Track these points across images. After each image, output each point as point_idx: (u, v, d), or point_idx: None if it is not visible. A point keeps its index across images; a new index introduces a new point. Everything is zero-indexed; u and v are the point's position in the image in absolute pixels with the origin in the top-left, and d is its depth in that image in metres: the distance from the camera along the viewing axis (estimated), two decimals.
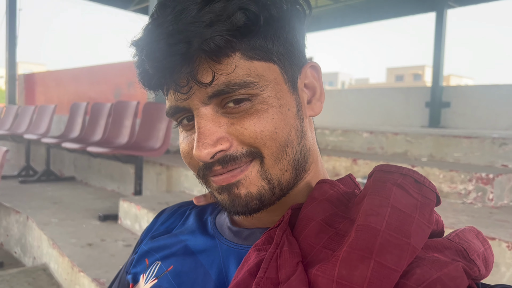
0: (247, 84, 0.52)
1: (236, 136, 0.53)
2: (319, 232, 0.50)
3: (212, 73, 0.50)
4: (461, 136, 3.29)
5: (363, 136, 3.86)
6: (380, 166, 0.52)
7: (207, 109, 0.53)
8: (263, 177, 0.54)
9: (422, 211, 0.47)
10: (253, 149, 0.53)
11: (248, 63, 0.52)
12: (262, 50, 0.53)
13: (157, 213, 0.81)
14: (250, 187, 0.54)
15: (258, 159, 0.54)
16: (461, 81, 53.97)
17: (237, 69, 0.51)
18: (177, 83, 0.51)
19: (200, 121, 0.53)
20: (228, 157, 0.53)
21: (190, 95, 0.52)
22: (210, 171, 0.54)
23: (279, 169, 0.54)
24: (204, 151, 0.51)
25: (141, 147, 3.88)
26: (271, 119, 0.53)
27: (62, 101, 7.92)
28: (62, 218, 3.51)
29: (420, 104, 7.92)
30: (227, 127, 0.53)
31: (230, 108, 0.52)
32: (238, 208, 0.54)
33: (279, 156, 0.54)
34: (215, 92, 0.51)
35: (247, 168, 0.53)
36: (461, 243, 0.48)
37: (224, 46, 0.50)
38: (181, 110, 0.55)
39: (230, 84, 0.51)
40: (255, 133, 0.52)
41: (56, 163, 5.92)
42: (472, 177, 2.61)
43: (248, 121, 0.52)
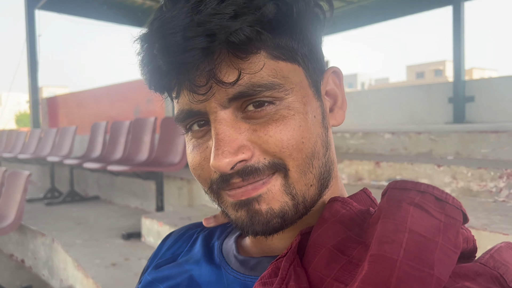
0: (272, 86, 0.46)
1: (259, 144, 0.46)
2: (330, 261, 0.44)
3: (237, 72, 0.44)
4: (488, 131, 3.16)
5: (385, 138, 3.76)
6: (394, 182, 0.45)
7: (226, 113, 0.46)
8: (287, 192, 0.48)
9: (447, 234, 0.40)
10: (277, 160, 0.47)
11: (273, 62, 0.47)
12: (288, 50, 0.48)
13: (177, 228, 0.76)
14: (272, 203, 0.47)
15: (281, 171, 0.47)
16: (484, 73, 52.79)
17: (263, 68, 0.45)
18: (194, 82, 0.45)
19: (219, 126, 0.46)
20: (249, 168, 0.46)
21: (209, 97, 0.46)
22: (227, 184, 0.48)
23: (304, 184, 0.48)
24: (224, 161, 0.45)
25: (161, 162, 3.88)
26: (298, 126, 0.47)
27: (84, 122, 8.06)
28: (86, 239, 3.52)
29: (443, 100, 7.72)
30: (249, 134, 0.47)
31: (251, 112, 0.47)
32: (258, 227, 0.48)
33: (305, 169, 0.48)
34: (237, 93, 0.45)
35: (270, 181, 0.47)
36: (497, 267, 0.41)
37: (254, 38, 0.44)
38: (195, 114, 0.48)
39: (254, 85, 0.45)
40: (281, 141, 0.46)
41: (80, 183, 5.98)
42: (502, 174, 2.49)
43: (273, 127, 0.46)
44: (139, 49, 0.48)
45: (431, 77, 53.95)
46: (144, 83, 0.51)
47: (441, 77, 50.44)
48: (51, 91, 48.56)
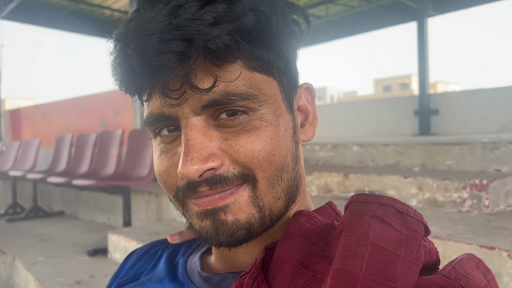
0: (247, 96, 0.45)
1: (229, 153, 0.46)
2: (295, 277, 0.43)
3: (213, 79, 0.44)
4: (451, 143, 3.25)
5: (353, 150, 3.81)
6: (356, 196, 0.45)
7: (198, 120, 0.45)
8: (255, 203, 0.47)
9: (408, 246, 0.40)
10: (247, 171, 0.46)
11: (249, 73, 0.46)
12: (264, 62, 0.48)
13: (144, 244, 0.74)
14: (238, 214, 0.46)
15: (250, 183, 0.46)
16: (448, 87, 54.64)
17: (239, 78, 0.45)
18: (167, 86, 0.44)
19: (190, 132, 0.45)
20: (218, 177, 0.45)
21: (182, 102, 0.45)
22: (194, 192, 0.46)
23: (272, 196, 0.48)
24: (193, 168, 0.43)
25: (128, 176, 3.80)
26: (269, 138, 0.47)
27: (49, 134, 7.85)
28: (50, 256, 3.39)
29: (409, 113, 7.93)
30: (220, 142, 0.46)
31: (223, 120, 0.46)
32: (222, 238, 0.47)
33: (273, 181, 0.47)
34: (211, 101, 0.44)
35: (238, 191, 0.46)
36: (459, 279, 0.41)
37: (232, 47, 0.43)
38: (165, 119, 0.47)
39: (228, 94, 0.44)
40: (252, 152, 0.45)
41: (44, 198, 5.79)
42: (466, 185, 2.56)
43: (244, 137, 0.46)
44: (112, 49, 0.47)
45: (398, 90, 55.41)
46: (115, 84, 0.50)
47: (407, 91, 51.91)
48: (15, 103, 47.12)
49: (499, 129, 6.69)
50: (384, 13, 8.58)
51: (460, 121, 7.22)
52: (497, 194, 2.55)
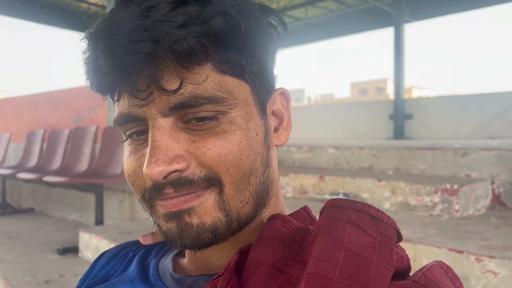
0: (215, 99, 0.45)
1: (196, 156, 0.45)
2: (268, 280, 0.43)
3: (179, 80, 0.43)
4: (424, 148, 3.32)
5: (329, 152, 3.85)
6: (331, 200, 0.45)
7: (166, 121, 0.45)
8: (221, 207, 0.46)
9: (381, 252, 0.41)
10: (213, 175, 0.45)
11: (219, 76, 0.46)
12: (236, 65, 0.47)
13: (117, 244, 0.72)
14: (204, 217, 0.46)
15: (216, 187, 0.46)
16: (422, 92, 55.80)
17: (207, 80, 0.44)
18: (135, 87, 0.43)
19: (156, 133, 0.45)
20: (183, 179, 0.45)
21: (149, 102, 0.44)
22: (159, 193, 0.46)
23: (239, 201, 0.47)
24: (156, 169, 0.43)
25: (101, 174, 3.73)
26: (238, 142, 0.46)
27: (21, 129, 7.64)
28: (18, 254, 3.30)
29: (384, 117, 8.06)
30: (187, 144, 0.45)
31: (192, 124, 0.45)
32: (187, 241, 0.46)
33: (241, 186, 0.47)
34: (178, 103, 0.44)
35: (204, 194, 0.46)
36: (429, 285, 0.42)
37: (198, 50, 0.43)
38: (134, 119, 0.46)
39: (197, 96, 0.44)
40: (219, 155, 0.45)
41: (14, 195, 5.64)
42: (437, 189, 2.61)
43: (212, 141, 0.45)
44: (85, 48, 0.47)
45: (374, 94, 56.28)
46: (87, 85, 0.49)
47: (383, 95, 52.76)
48: None
49: (470, 134, 6.88)
50: (363, 17, 8.71)
51: (433, 126, 7.39)
52: (467, 198, 2.61)
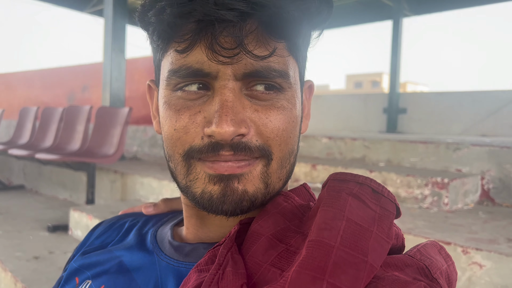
0: (284, 75, 0.46)
1: (257, 125, 0.46)
2: (268, 248, 0.44)
3: (266, 48, 0.44)
4: (417, 141, 3.35)
5: (322, 142, 3.86)
6: (334, 174, 0.46)
7: (236, 85, 0.45)
8: (264, 180, 0.48)
9: (381, 224, 0.42)
10: (266, 146, 0.47)
11: (287, 55, 0.47)
12: (298, 49, 0.49)
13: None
14: (248, 185, 0.47)
15: (265, 159, 0.47)
16: (416, 88, 55.94)
17: (283, 57, 0.46)
18: (220, 43, 0.43)
19: (229, 94, 0.45)
20: (243, 144, 0.46)
21: (234, 62, 0.44)
22: (214, 154, 0.46)
23: (277, 176, 0.49)
24: (230, 129, 0.43)
25: (93, 153, 3.72)
26: (291, 121, 0.48)
27: (13, 106, 7.57)
28: (8, 230, 3.29)
29: (378, 110, 8.08)
30: (250, 112, 0.46)
31: (257, 92, 0.46)
32: (227, 205, 0.47)
33: (283, 163, 0.49)
34: (253, 70, 0.45)
35: (253, 163, 0.47)
36: (423, 260, 0.43)
37: (290, 24, 0.44)
38: (201, 75, 0.45)
39: (270, 68, 0.45)
40: (278, 129, 0.47)
41: (4, 171, 5.60)
42: (428, 182, 2.64)
43: (274, 113, 0.47)
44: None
45: (369, 87, 56.34)
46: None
47: (378, 88, 52.84)
48: None
49: (462, 131, 6.93)
50: (362, 9, 8.67)
51: (426, 121, 7.43)
52: (457, 193, 2.65)
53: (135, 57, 6.11)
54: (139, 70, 5.88)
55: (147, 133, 5.59)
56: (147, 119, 5.60)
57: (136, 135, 5.65)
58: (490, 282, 1.69)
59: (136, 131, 5.69)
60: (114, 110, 3.95)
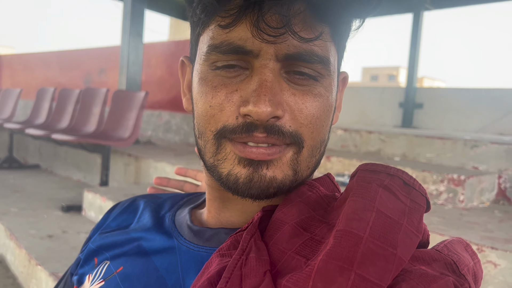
0: (325, 61, 0.46)
1: (292, 109, 0.46)
2: (292, 236, 0.43)
3: (318, 31, 0.44)
4: (434, 136, 3.30)
5: (337, 134, 3.84)
6: (364, 165, 0.45)
7: (276, 66, 0.45)
8: (293, 167, 0.47)
9: (411, 218, 0.41)
10: (298, 134, 0.46)
11: (329, 42, 0.47)
12: (341, 37, 0.49)
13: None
14: (277, 172, 0.47)
15: (296, 146, 0.47)
16: (433, 83, 55.23)
17: (326, 42, 0.46)
18: (266, 21, 0.42)
19: (269, 74, 0.44)
20: (277, 127, 0.45)
21: (278, 41, 0.43)
22: (248, 134, 0.45)
23: (307, 165, 0.49)
24: (268, 109, 0.43)
25: (109, 136, 3.75)
26: (326, 110, 0.48)
27: (30, 86, 7.64)
28: (23, 208, 3.35)
29: (394, 104, 7.99)
30: (288, 95, 0.46)
31: (295, 77, 0.46)
32: (253, 190, 0.46)
33: (314, 151, 0.49)
34: (296, 53, 0.44)
35: (285, 150, 0.47)
36: (451, 255, 0.42)
37: (346, 8, 0.44)
38: (242, 52, 0.45)
39: (313, 53, 0.44)
40: (312, 116, 0.46)
41: (20, 150, 5.69)
42: (444, 178, 2.61)
43: (310, 100, 0.46)
44: None
45: (385, 81, 55.77)
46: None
47: (394, 82, 52.28)
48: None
49: (479, 129, 6.83)
50: (382, 1, 8.54)
51: (443, 117, 7.33)
52: (473, 190, 2.61)
53: (153, 42, 6.11)
54: (156, 55, 5.89)
55: (162, 118, 5.61)
56: (162, 104, 5.61)
57: (151, 119, 5.67)
58: (504, 281, 1.67)
59: (151, 116, 5.72)
60: (130, 93, 3.97)
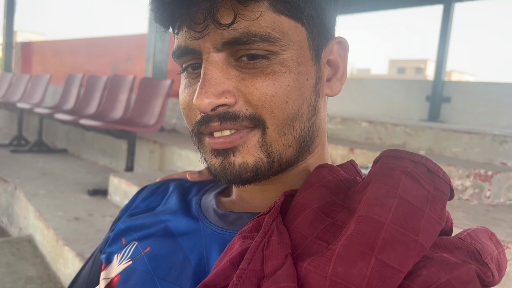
0: (268, 38, 0.45)
1: (244, 94, 0.47)
2: (314, 221, 0.44)
3: (234, 14, 0.44)
4: (462, 131, 3.24)
5: (361, 126, 3.80)
6: (388, 151, 0.45)
7: (218, 56, 0.47)
8: (263, 149, 0.48)
9: (434, 205, 0.41)
10: (257, 115, 0.47)
11: (275, 16, 0.46)
12: (293, 6, 0.47)
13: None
14: (247, 157, 0.48)
15: (260, 128, 0.48)
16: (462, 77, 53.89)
17: (261, 19, 0.45)
18: (193, 19, 0.45)
19: (208, 67, 0.47)
20: (229, 113, 0.47)
21: (204, 35, 0.46)
22: (206, 126, 0.49)
23: (282, 144, 0.49)
24: (205, 100, 0.45)
25: (135, 123, 3.81)
26: (286, 85, 0.47)
27: (59, 72, 7.81)
28: (51, 190, 3.45)
29: (420, 98, 7.84)
30: (237, 81, 0.47)
31: (244, 62, 0.47)
32: (229, 177, 0.49)
33: (284, 129, 0.48)
34: (231, 39, 0.45)
35: (247, 135, 0.48)
36: (474, 243, 0.42)
37: None
38: (190, 52, 0.48)
39: (249, 33, 0.45)
40: (265, 96, 0.46)
41: (49, 135, 5.84)
42: (470, 173, 2.56)
43: (261, 80, 0.46)
44: None
45: (412, 74, 54.72)
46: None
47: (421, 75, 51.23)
48: (26, 37, 46.67)
49: (509, 125, 6.64)
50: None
51: (471, 112, 7.16)
52: (500, 186, 2.55)
53: None
54: None
55: None
56: None
57: (176, 108, 5.73)
58: None
59: (176, 104, 5.77)
60: (157, 81, 4.01)
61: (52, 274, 2.47)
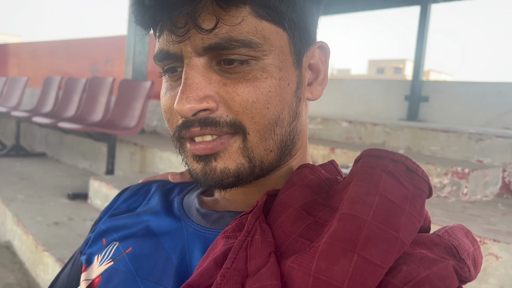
0: (249, 44, 0.46)
1: (225, 100, 0.47)
2: (296, 220, 0.45)
3: (216, 19, 0.44)
4: (439, 129, 3.30)
5: (342, 125, 3.84)
6: (369, 150, 0.46)
7: (199, 61, 0.47)
8: (244, 154, 0.49)
9: (413, 203, 0.42)
10: (238, 121, 0.47)
11: (256, 21, 0.46)
12: (275, 11, 0.47)
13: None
14: (228, 162, 0.48)
15: (240, 134, 0.48)
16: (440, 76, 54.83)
17: (243, 24, 0.45)
18: (174, 23, 0.45)
19: (189, 71, 0.47)
20: (210, 119, 0.47)
21: (185, 39, 0.46)
22: (187, 130, 0.49)
23: (263, 149, 0.49)
24: (187, 106, 0.45)
25: (115, 125, 3.77)
26: (267, 91, 0.47)
27: (37, 75, 7.67)
28: (29, 195, 3.39)
29: (399, 97, 7.96)
30: (218, 86, 0.47)
31: (225, 67, 0.47)
32: (211, 182, 0.49)
33: (265, 134, 0.49)
34: (212, 44, 0.45)
35: (228, 141, 0.48)
36: (451, 240, 0.44)
37: None
38: (171, 57, 0.48)
39: (231, 38, 0.45)
40: (246, 102, 0.46)
41: (27, 138, 5.73)
42: (448, 171, 2.62)
43: (242, 86, 0.47)
44: None
45: (391, 74, 55.43)
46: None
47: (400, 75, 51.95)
48: (2, 39, 45.66)
49: (485, 123, 6.80)
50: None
51: (448, 111, 7.30)
52: (476, 183, 2.61)
53: None
54: None
55: None
56: None
57: (157, 109, 5.69)
58: (505, 273, 1.68)
59: (156, 106, 5.73)
60: (136, 83, 3.98)
61: (31, 280, 2.43)
